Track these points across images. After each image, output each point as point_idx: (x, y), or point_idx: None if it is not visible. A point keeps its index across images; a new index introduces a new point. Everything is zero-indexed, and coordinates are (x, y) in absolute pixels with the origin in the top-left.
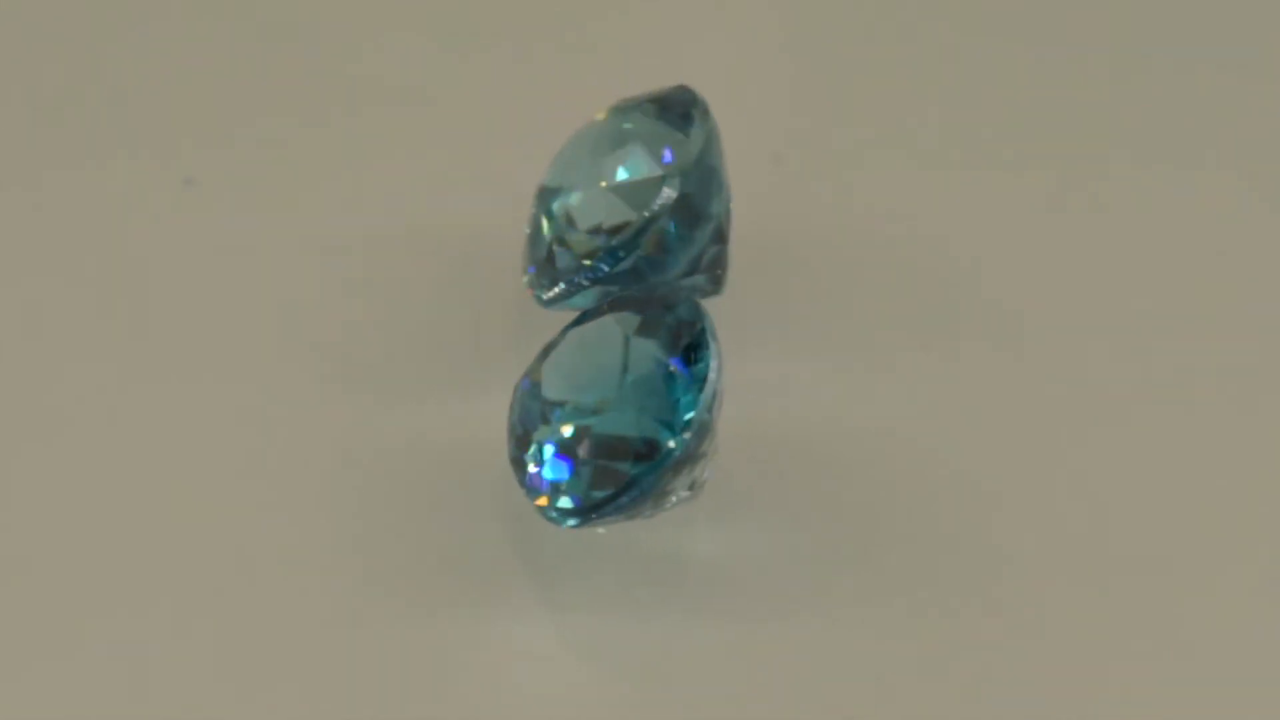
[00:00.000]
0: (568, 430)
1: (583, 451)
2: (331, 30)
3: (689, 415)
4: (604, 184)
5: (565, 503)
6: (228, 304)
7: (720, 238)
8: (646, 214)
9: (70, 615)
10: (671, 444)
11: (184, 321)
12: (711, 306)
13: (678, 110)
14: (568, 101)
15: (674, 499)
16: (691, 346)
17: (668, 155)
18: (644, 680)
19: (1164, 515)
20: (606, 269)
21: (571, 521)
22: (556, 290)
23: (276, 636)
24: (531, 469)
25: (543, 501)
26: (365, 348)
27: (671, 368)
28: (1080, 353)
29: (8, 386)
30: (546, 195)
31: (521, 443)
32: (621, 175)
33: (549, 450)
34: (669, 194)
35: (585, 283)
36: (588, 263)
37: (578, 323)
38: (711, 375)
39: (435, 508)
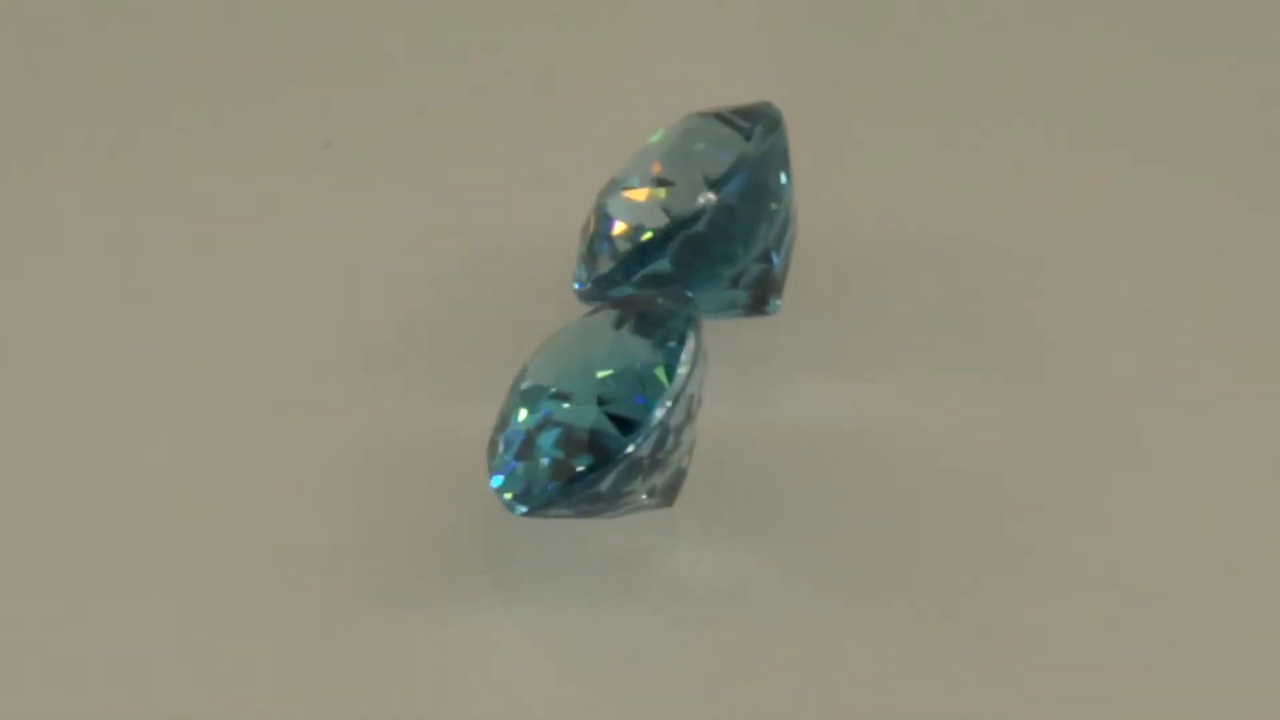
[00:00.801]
0: (536, 417)
1: (543, 440)
2: (472, 13)
3: (650, 418)
4: (649, 184)
5: (518, 490)
6: (293, 280)
7: (765, 257)
8: (681, 218)
9: (51, 595)
10: (626, 443)
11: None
12: (735, 322)
13: (749, 121)
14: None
15: (636, 502)
16: (671, 354)
17: (723, 157)
18: (611, 678)
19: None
20: (637, 269)
21: (521, 509)
22: (591, 286)
23: (255, 626)
24: (496, 454)
25: (499, 487)
26: (410, 340)
27: (645, 371)
28: (1101, 364)
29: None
30: (607, 190)
31: (499, 429)
32: (666, 177)
33: (514, 436)
34: (705, 202)
35: (611, 282)
36: (621, 260)
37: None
38: (677, 383)
39: (432, 504)
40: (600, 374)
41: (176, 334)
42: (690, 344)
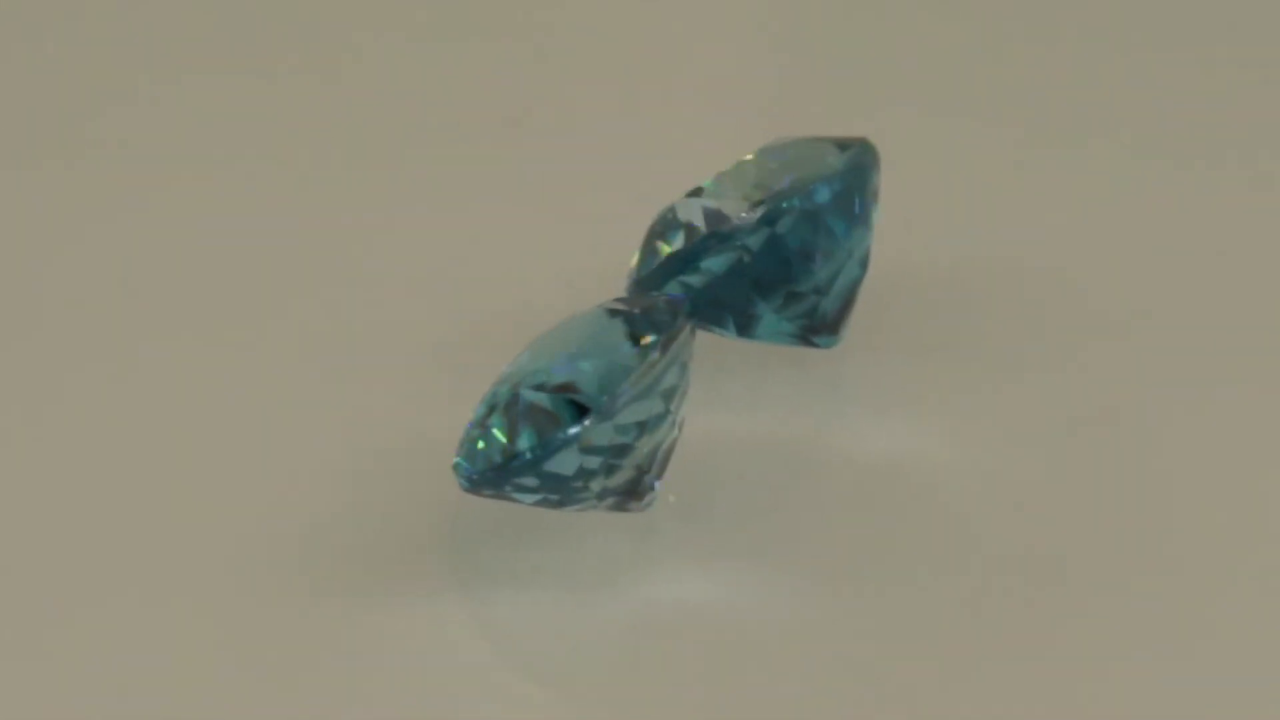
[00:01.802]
0: (503, 398)
1: (495, 419)
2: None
3: (603, 410)
4: (712, 193)
5: (463, 465)
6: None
7: (819, 290)
8: (723, 230)
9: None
10: (566, 429)
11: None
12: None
13: (833, 152)
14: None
15: (588, 499)
16: (643, 354)
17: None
18: (560, 678)
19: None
20: (678, 273)
21: (464, 484)
22: (635, 284)
23: (221, 616)
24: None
25: (454, 464)
26: (437, 341)
27: (612, 365)
28: (1168, 410)
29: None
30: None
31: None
32: (727, 189)
33: (477, 415)
34: (746, 219)
35: (653, 282)
36: (663, 261)
37: None
38: (636, 383)
39: (415, 499)
40: (570, 362)
41: (192, 326)
42: (661, 348)
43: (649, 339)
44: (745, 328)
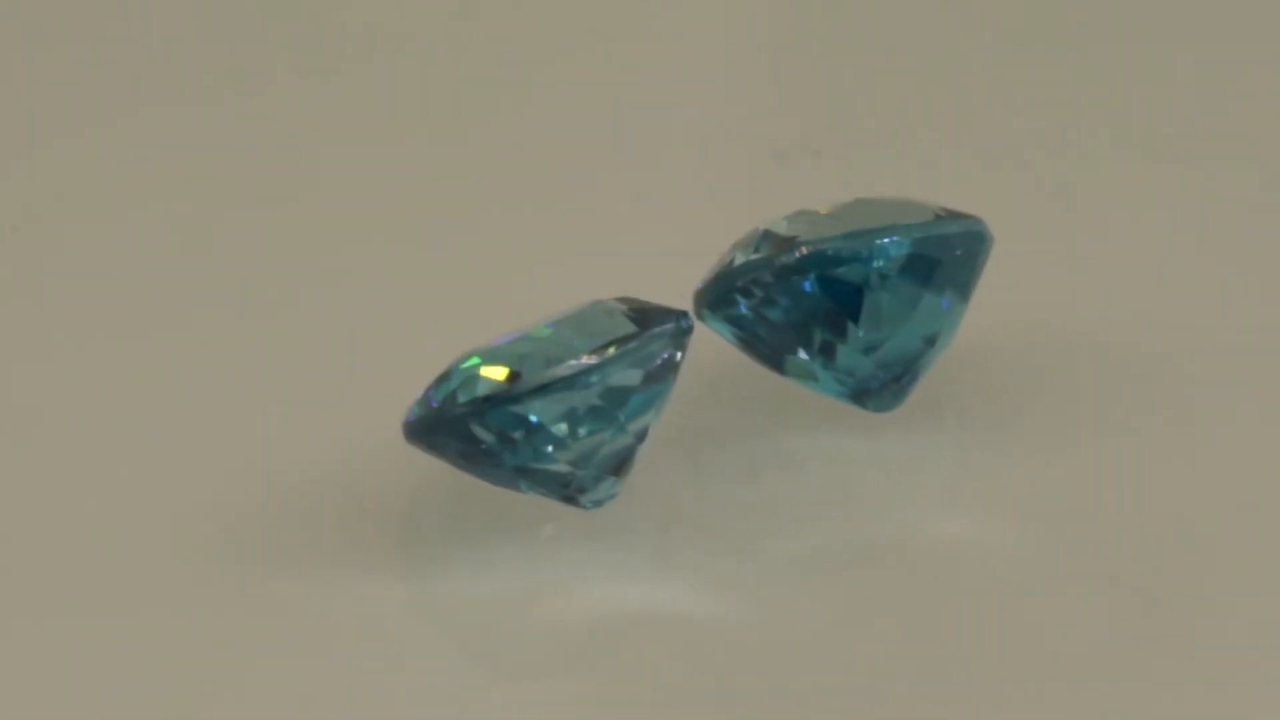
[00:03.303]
0: (471, 359)
1: (453, 372)
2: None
3: (533, 398)
4: (792, 220)
5: (409, 412)
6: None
7: (864, 350)
8: (777, 261)
9: None
10: (476, 402)
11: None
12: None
13: (936, 217)
14: None
15: (509, 481)
16: (593, 350)
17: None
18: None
19: None
20: (723, 288)
21: (403, 431)
22: (695, 294)
23: (170, 598)
24: None
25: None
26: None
27: (564, 353)
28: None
29: None
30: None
31: None
32: (804, 224)
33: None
34: (797, 257)
35: (703, 297)
36: (714, 277)
37: None
38: (557, 378)
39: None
40: (537, 339)
41: (187, 316)
42: (615, 351)
43: (614, 347)
44: (782, 366)
